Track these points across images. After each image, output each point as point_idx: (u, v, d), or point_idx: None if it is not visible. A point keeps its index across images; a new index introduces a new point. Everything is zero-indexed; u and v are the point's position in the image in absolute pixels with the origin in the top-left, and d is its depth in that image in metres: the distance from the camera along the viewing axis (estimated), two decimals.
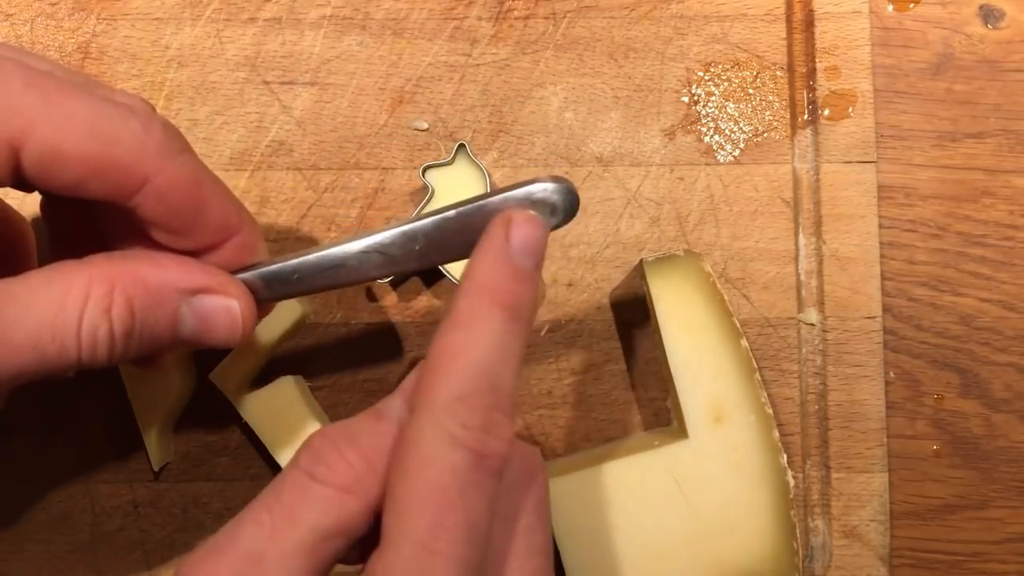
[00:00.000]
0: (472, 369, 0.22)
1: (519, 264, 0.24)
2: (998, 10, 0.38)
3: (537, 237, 0.24)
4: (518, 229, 0.24)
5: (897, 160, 0.37)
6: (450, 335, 0.23)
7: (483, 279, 0.23)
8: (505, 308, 0.23)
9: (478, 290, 0.23)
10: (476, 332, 0.23)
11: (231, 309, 0.26)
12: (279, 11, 0.37)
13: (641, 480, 0.33)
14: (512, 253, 0.24)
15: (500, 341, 0.23)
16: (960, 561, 0.36)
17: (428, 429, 0.22)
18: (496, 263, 0.24)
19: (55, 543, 0.35)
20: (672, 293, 0.34)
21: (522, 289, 0.24)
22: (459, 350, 0.22)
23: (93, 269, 0.23)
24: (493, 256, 0.24)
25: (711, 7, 0.37)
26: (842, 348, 0.36)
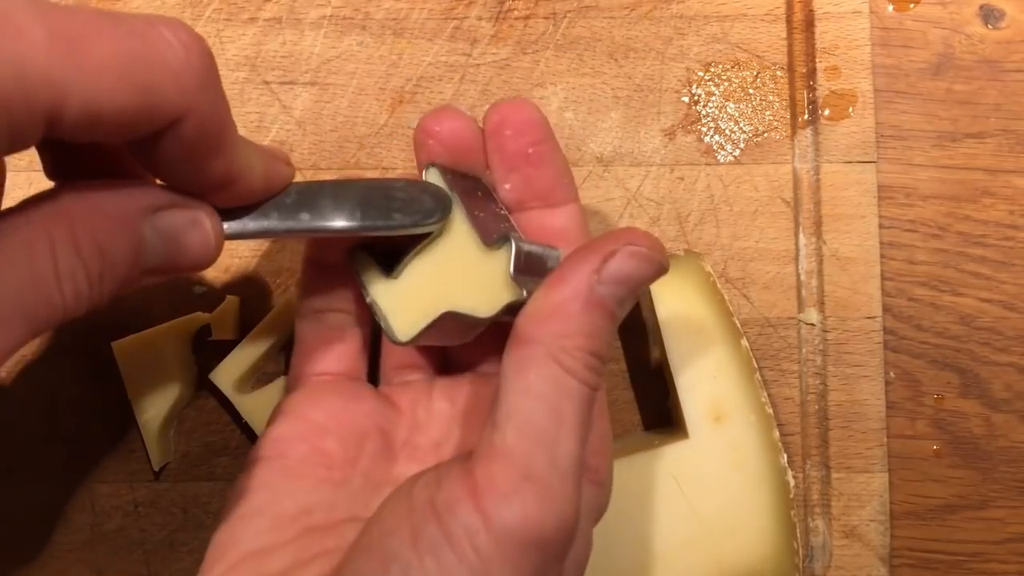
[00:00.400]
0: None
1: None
2: (998, 10, 0.38)
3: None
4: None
5: (897, 160, 0.37)
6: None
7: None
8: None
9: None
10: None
11: (199, 222, 0.23)
12: (279, 11, 0.37)
13: (641, 480, 0.33)
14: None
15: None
16: (960, 561, 0.36)
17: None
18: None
19: (55, 543, 0.35)
20: (672, 293, 0.34)
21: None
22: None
23: (45, 210, 0.21)
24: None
25: (711, 7, 0.37)
26: (842, 348, 0.36)
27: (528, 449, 0.22)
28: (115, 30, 0.20)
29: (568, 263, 0.24)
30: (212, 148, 0.23)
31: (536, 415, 0.23)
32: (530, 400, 0.23)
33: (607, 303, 0.24)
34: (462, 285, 0.28)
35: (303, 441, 0.28)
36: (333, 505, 0.26)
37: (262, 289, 0.36)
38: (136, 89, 0.20)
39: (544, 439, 0.22)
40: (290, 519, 0.26)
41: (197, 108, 0.21)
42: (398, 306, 0.29)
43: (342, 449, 0.28)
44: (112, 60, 0.20)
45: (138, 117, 0.20)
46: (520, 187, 0.29)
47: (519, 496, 0.22)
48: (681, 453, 0.33)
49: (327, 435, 0.28)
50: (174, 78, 0.21)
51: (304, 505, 0.26)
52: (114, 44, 0.20)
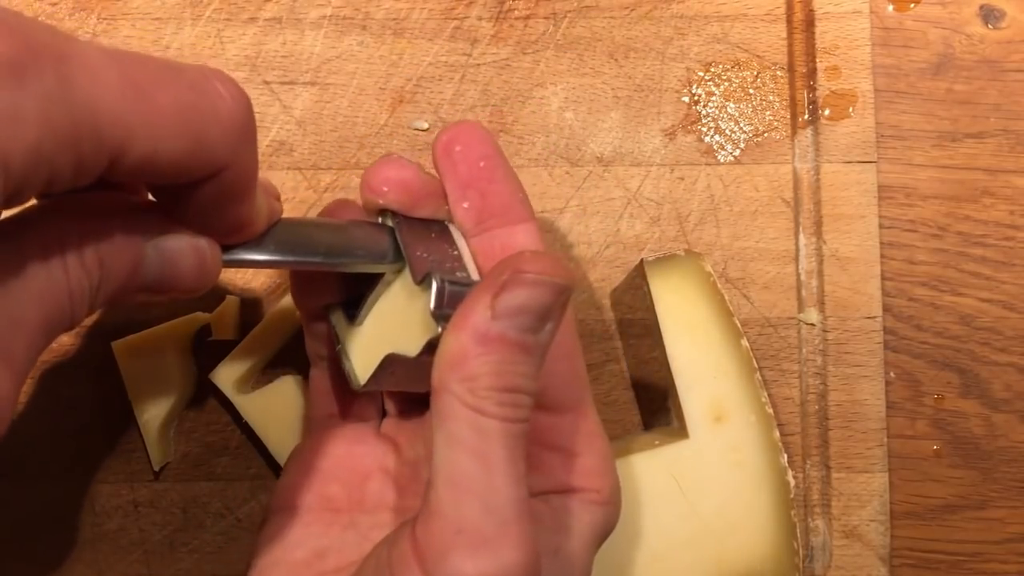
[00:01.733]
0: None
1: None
2: (998, 10, 0.38)
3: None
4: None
5: (897, 160, 0.37)
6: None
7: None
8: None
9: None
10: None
11: (200, 250, 0.24)
12: (279, 11, 0.37)
13: (641, 480, 0.33)
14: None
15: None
16: (960, 561, 0.36)
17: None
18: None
19: (55, 543, 0.35)
20: (672, 293, 0.34)
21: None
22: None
23: (57, 220, 0.21)
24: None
25: (711, 7, 0.37)
26: (842, 348, 0.36)
27: (457, 501, 0.22)
28: (178, 81, 0.21)
29: (464, 303, 0.23)
30: (240, 197, 0.23)
31: (461, 464, 0.22)
32: (453, 450, 0.22)
33: (508, 336, 0.23)
34: (400, 326, 0.28)
35: (309, 489, 0.29)
36: (343, 547, 0.28)
37: (262, 289, 0.36)
38: (191, 139, 0.21)
39: (472, 487, 0.22)
40: (304, 565, 0.27)
41: (239, 160, 0.22)
42: (359, 351, 0.29)
43: (346, 492, 0.29)
44: (174, 109, 0.20)
45: (188, 165, 0.21)
46: (477, 203, 0.28)
47: (454, 552, 0.21)
48: (681, 453, 0.33)
49: (331, 481, 0.29)
50: (224, 131, 0.21)
51: (316, 550, 0.27)
52: (177, 94, 0.20)
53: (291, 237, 0.26)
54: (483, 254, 0.29)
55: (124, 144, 0.19)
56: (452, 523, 0.22)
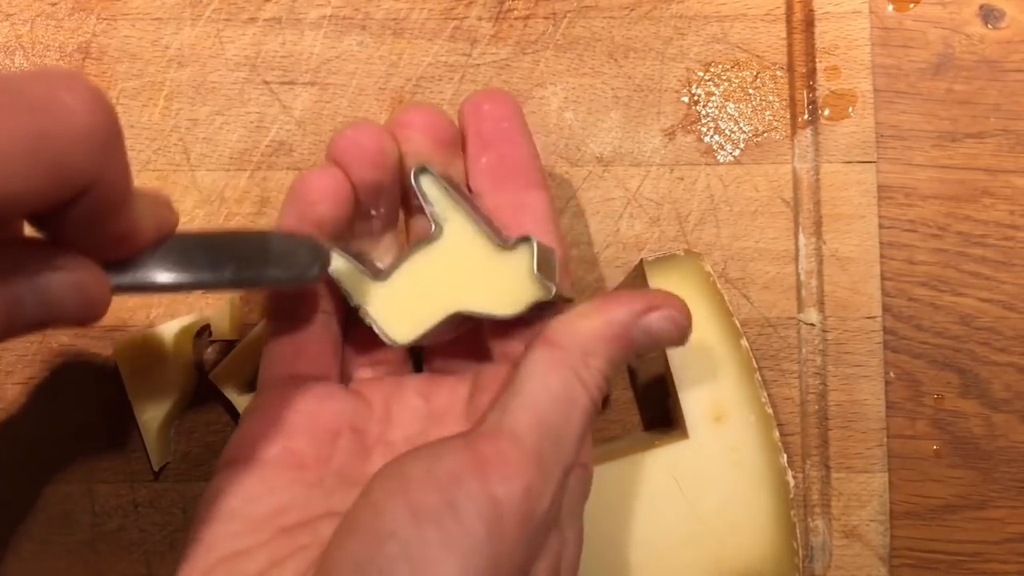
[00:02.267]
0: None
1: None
2: (998, 10, 0.38)
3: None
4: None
5: (897, 160, 0.37)
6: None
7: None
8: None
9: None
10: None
11: (81, 284, 0.22)
12: (279, 11, 0.37)
13: (641, 480, 0.33)
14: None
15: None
16: (960, 561, 0.36)
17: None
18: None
19: (55, 543, 0.35)
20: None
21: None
22: None
23: None
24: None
25: (711, 7, 0.37)
26: (842, 348, 0.36)
27: (539, 438, 0.24)
28: (17, 107, 0.19)
29: (618, 298, 0.27)
30: (115, 209, 0.22)
31: (550, 412, 0.25)
32: (547, 397, 0.25)
33: (633, 344, 0.27)
34: (473, 285, 0.29)
35: (274, 442, 0.28)
36: (307, 503, 0.27)
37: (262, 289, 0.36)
38: (44, 168, 0.19)
39: (552, 435, 0.24)
40: (264, 520, 0.26)
41: (106, 173, 0.21)
42: (392, 309, 0.29)
43: (314, 448, 0.28)
44: (17, 142, 0.19)
45: (46, 194, 0.20)
46: (495, 161, 0.30)
47: (527, 474, 0.23)
48: (681, 453, 0.33)
49: (298, 435, 0.28)
50: (82, 149, 0.20)
51: (277, 505, 0.26)
52: (18, 123, 0.19)
53: (190, 254, 0.25)
54: (495, 212, 0.30)
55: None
56: (532, 452, 0.24)
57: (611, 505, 0.33)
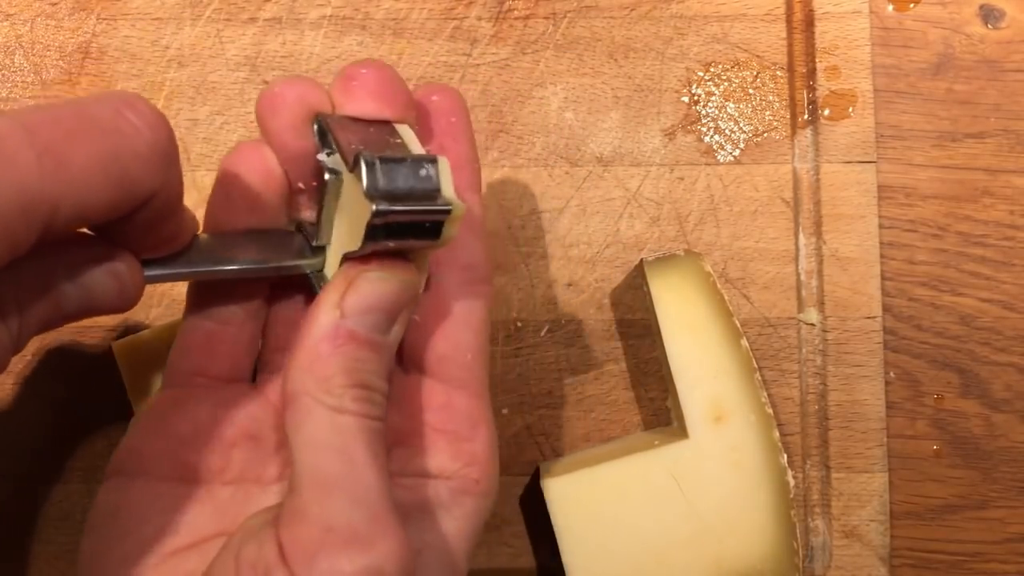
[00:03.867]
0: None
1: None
2: (998, 10, 0.38)
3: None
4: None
5: (897, 160, 0.37)
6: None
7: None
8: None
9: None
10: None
11: (118, 275, 0.24)
12: (279, 11, 0.37)
13: (641, 480, 0.33)
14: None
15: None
16: (960, 561, 0.36)
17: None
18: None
19: (55, 543, 0.35)
20: (672, 293, 0.34)
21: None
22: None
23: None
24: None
25: (711, 7, 0.37)
26: (842, 348, 0.36)
27: (323, 501, 0.22)
28: (92, 131, 0.21)
29: (314, 304, 0.24)
30: (170, 215, 0.23)
31: (323, 464, 0.22)
32: (313, 451, 0.22)
33: (359, 334, 0.23)
34: (348, 224, 0.26)
35: (165, 456, 0.26)
36: (198, 523, 0.26)
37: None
38: (116, 184, 0.21)
39: (337, 485, 0.22)
40: (153, 540, 0.25)
41: (166, 185, 0.22)
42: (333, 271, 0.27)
43: (207, 461, 0.26)
44: (94, 164, 0.20)
45: (118, 207, 0.21)
46: (435, 152, 0.27)
47: (324, 552, 0.21)
48: (681, 453, 0.33)
49: (191, 448, 0.26)
50: (147, 164, 0.22)
51: (168, 525, 0.25)
52: (93, 146, 0.21)
53: (211, 248, 0.26)
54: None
55: (52, 213, 0.20)
56: (320, 523, 0.21)
57: (611, 505, 0.33)
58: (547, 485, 0.33)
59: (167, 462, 0.26)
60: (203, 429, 0.27)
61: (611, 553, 0.33)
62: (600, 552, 0.33)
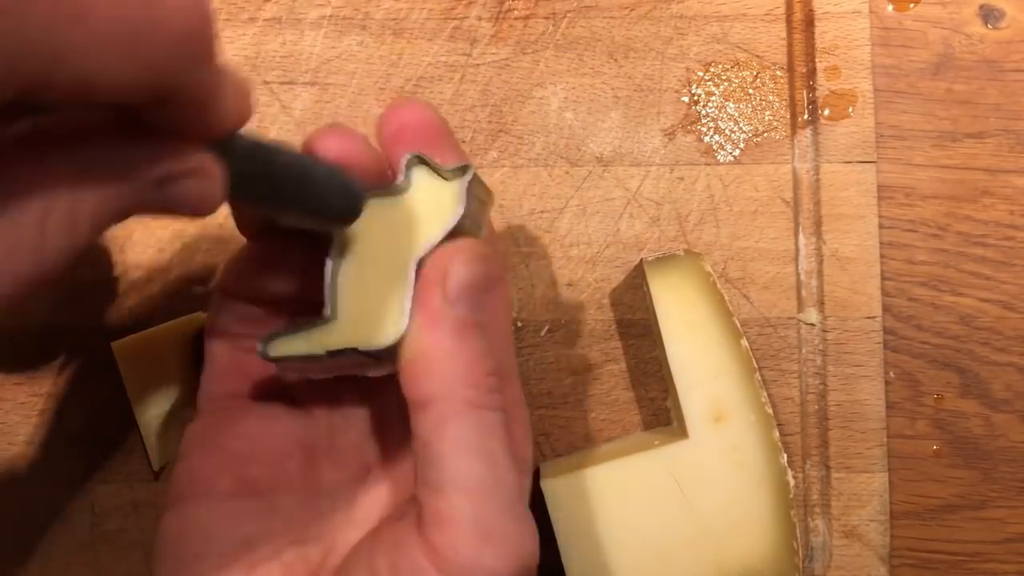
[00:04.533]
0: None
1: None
2: (998, 10, 0.38)
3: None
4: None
5: (897, 160, 0.37)
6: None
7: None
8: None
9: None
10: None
11: (204, 189, 0.21)
12: (279, 11, 0.37)
13: (641, 480, 0.33)
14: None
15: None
16: (960, 561, 0.36)
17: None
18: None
19: (55, 543, 0.35)
20: (672, 293, 0.34)
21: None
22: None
23: (49, 186, 0.19)
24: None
25: (711, 7, 0.37)
26: (842, 348, 0.36)
27: (478, 506, 0.22)
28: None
29: (417, 303, 0.24)
30: (202, 109, 0.20)
31: (473, 468, 0.22)
32: (462, 456, 0.23)
33: (468, 320, 0.23)
34: (378, 263, 0.26)
35: (223, 474, 0.27)
36: (271, 533, 0.26)
37: None
38: (132, 64, 0.18)
39: (488, 488, 0.22)
40: (232, 557, 0.25)
41: (199, 79, 0.19)
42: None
43: (266, 474, 0.27)
44: (113, 30, 0.17)
45: (133, 92, 0.18)
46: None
47: (483, 558, 0.22)
48: (681, 453, 0.33)
49: (249, 463, 0.27)
50: (178, 52, 0.18)
51: (241, 540, 0.25)
52: (117, 10, 0.17)
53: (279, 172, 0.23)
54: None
55: (47, 70, 0.16)
56: (478, 530, 0.22)
57: (611, 505, 0.33)
58: (547, 485, 0.33)
59: (226, 480, 0.26)
60: (255, 443, 0.27)
61: (611, 553, 0.33)
62: (600, 552, 0.33)
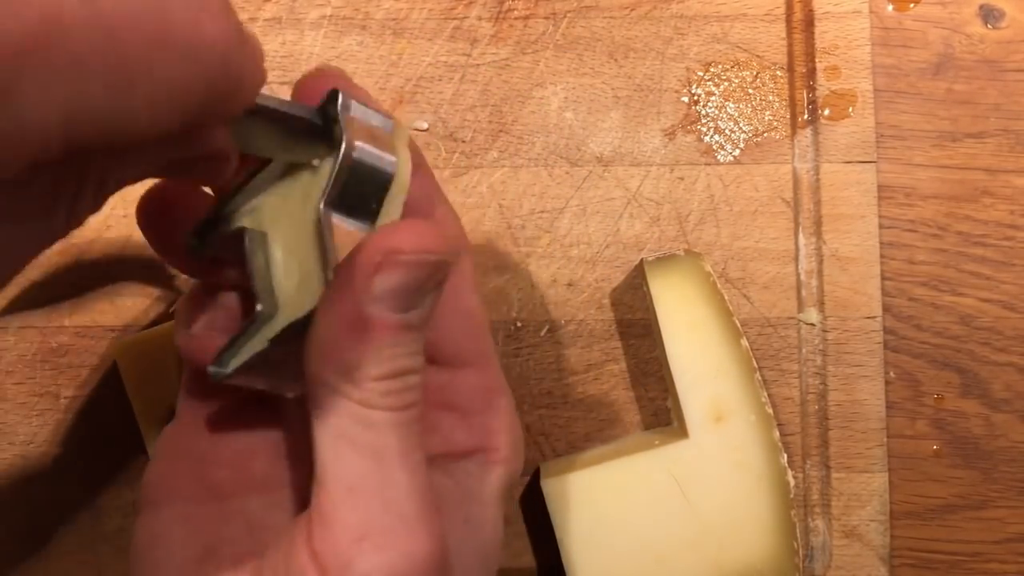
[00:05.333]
0: None
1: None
2: (998, 10, 0.38)
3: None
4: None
5: (897, 160, 0.37)
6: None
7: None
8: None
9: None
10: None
11: (221, 168, 0.21)
12: (279, 11, 0.37)
13: (641, 480, 0.33)
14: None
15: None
16: (960, 561, 0.36)
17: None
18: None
19: (55, 543, 0.35)
20: (672, 293, 0.34)
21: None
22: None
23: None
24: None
25: (711, 7, 0.37)
26: (842, 348, 0.36)
27: (355, 504, 0.20)
28: (170, 45, 0.16)
29: (333, 286, 0.21)
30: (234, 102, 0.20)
31: (353, 464, 0.20)
32: (341, 449, 0.21)
33: (387, 319, 0.20)
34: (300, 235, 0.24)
35: (188, 477, 0.26)
36: (235, 538, 0.25)
37: None
38: (175, 114, 0.17)
39: (369, 487, 0.20)
40: (195, 563, 0.24)
41: (236, 97, 0.20)
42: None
43: (232, 475, 0.26)
44: (163, 90, 0.16)
45: (173, 129, 0.18)
46: None
47: (359, 558, 0.20)
48: (681, 453, 0.33)
49: (212, 465, 0.26)
50: (219, 93, 0.19)
51: (206, 546, 0.25)
52: (169, 69, 0.16)
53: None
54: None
55: (104, 129, 0.16)
56: (352, 529, 0.20)
57: (611, 505, 0.33)
58: (547, 485, 0.33)
59: (191, 483, 0.26)
60: (221, 444, 0.26)
61: (611, 553, 0.33)
62: (600, 552, 0.33)
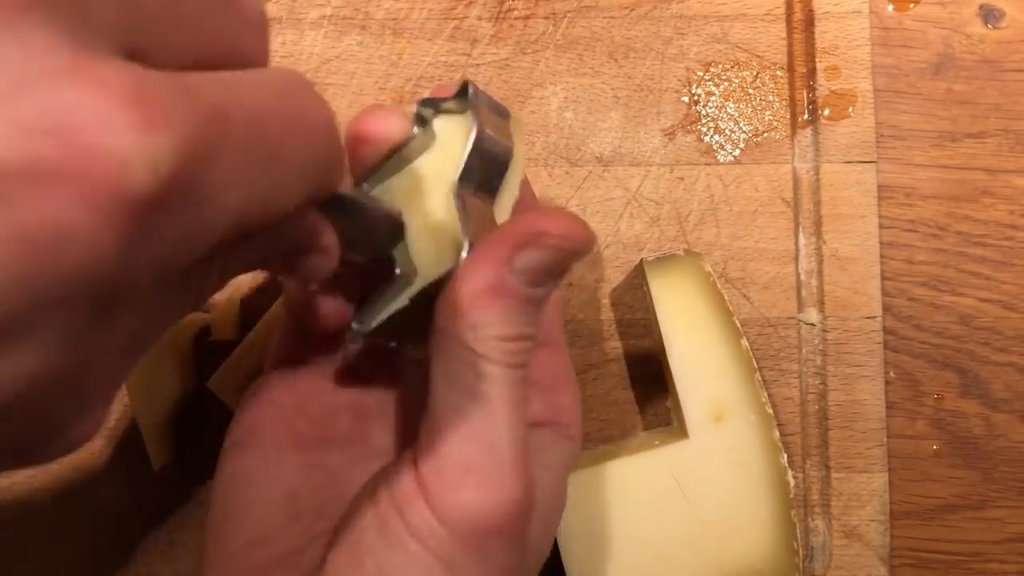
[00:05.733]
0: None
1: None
2: (998, 10, 0.38)
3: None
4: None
5: (897, 160, 0.37)
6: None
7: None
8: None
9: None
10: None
11: (324, 263, 0.22)
12: (279, 11, 0.37)
13: (641, 480, 0.33)
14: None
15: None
16: (960, 561, 0.36)
17: None
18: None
19: (55, 543, 0.35)
20: (672, 293, 0.34)
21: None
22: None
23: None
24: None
25: (711, 7, 0.37)
26: (842, 348, 0.36)
27: (465, 441, 0.23)
28: (299, 133, 0.18)
29: (480, 253, 0.23)
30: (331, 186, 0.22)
31: (466, 406, 0.23)
32: (457, 392, 0.23)
33: (519, 291, 0.23)
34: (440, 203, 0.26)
35: (276, 425, 0.28)
36: (317, 487, 0.27)
37: (262, 289, 0.36)
38: (299, 196, 0.19)
39: (478, 429, 0.23)
40: (278, 506, 0.26)
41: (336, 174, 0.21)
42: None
43: (316, 429, 0.28)
44: (294, 177, 0.18)
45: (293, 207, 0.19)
46: None
47: (464, 489, 0.23)
48: (681, 453, 0.33)
49: (300, 417, 0.28)
50: (330, 167, 0.20)
51: (289, 490, 0.27)
52: (298, 155, 0.18)
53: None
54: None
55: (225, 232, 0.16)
56: (459, 462, 0.23)
57: (611, 505, 0.33)
58: None
59: (279, 432, 0.28)
60: (307, 398, 0.28)
61: (611, 553, 0.33)
62: (600, 552, 0.33)
